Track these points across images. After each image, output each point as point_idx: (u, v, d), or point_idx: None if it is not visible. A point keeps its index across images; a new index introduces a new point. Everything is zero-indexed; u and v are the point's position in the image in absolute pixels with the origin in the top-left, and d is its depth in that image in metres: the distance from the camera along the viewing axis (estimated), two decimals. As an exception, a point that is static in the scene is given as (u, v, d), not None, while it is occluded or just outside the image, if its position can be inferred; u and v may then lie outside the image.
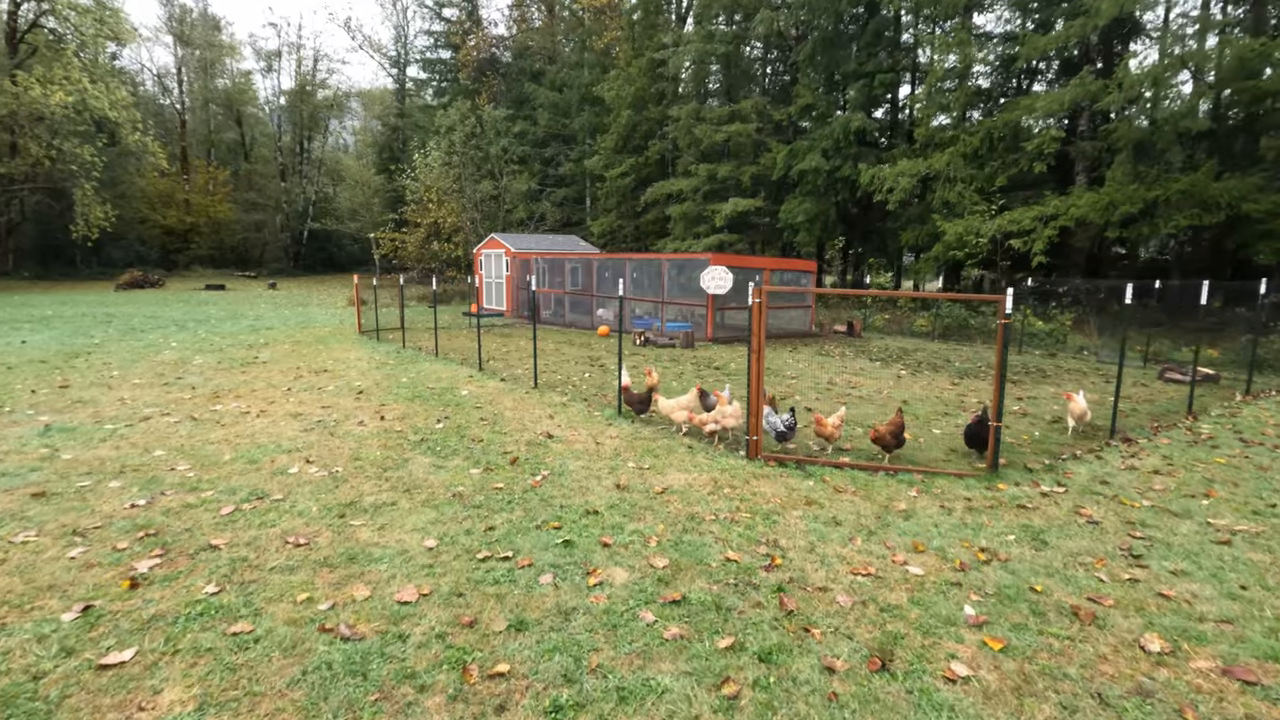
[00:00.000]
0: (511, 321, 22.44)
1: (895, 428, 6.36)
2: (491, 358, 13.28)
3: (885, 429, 6.36)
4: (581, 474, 5.87)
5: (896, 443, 6.38)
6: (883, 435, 6.36)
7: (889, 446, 6.38)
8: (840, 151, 24.21)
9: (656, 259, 18.33)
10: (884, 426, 6.40)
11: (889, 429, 6.36)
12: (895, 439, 6.36)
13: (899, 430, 6.37)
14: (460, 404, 8.82)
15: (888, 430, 6.35)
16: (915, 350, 15.66)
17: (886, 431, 6.35)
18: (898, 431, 6.37)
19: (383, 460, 6.21)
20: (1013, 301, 5.79)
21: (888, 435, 6.34)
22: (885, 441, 6.36)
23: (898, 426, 6.37)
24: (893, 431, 6.35)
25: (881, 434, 6.36)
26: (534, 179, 40.74)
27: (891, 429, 6.36)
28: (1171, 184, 15.39)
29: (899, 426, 6.38)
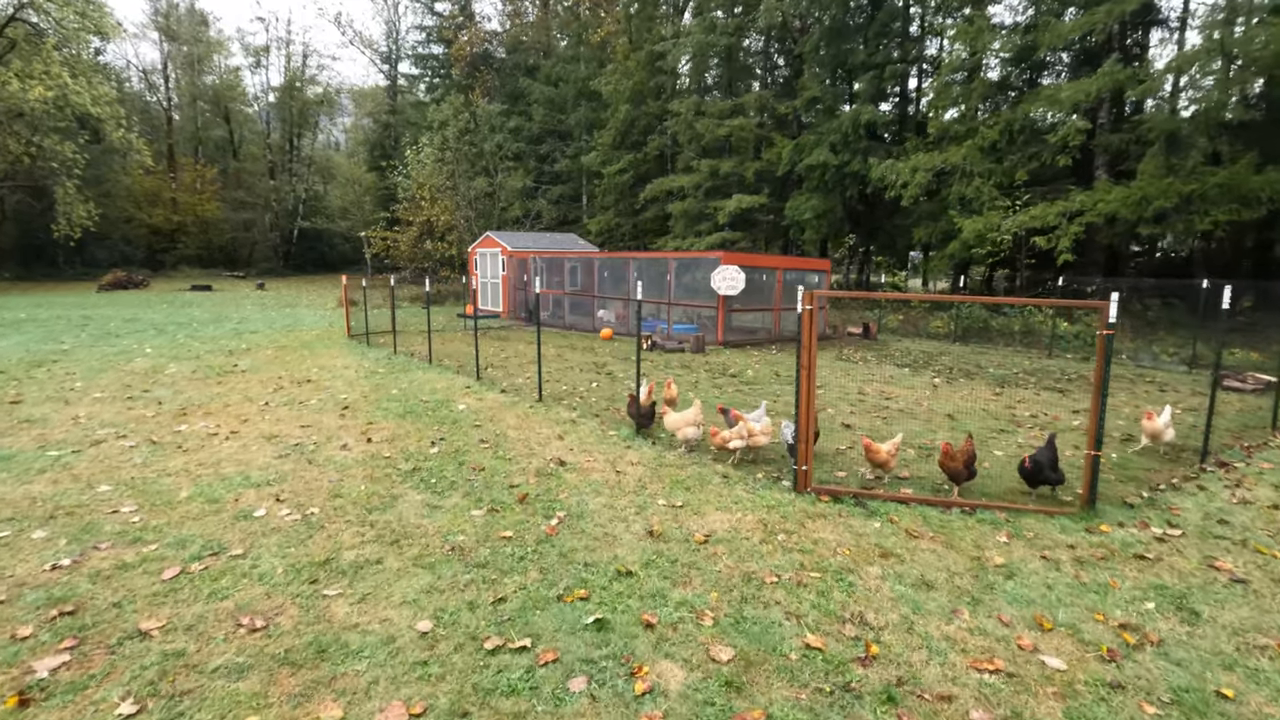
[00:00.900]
0: (508, 323, 21.47)
1: (968, 456, 5.45)
2: (489, 364, 12.32)
3: (959, 457, 5.45)
4: (604, 515, 4.93)
5: (969, 474, 5.46)
6: (954, 464, 5.44)
7: (960, 477, 5.47)
8: (849, 145, 23.31)
9: (662, 258, 17.41)
10: (957, 453, 5.48)
11: (962, 457, 5.44)
12: (968, 469, 5.45)
13: (972, 459, 5.46)
14: (457, 421, 7.87)
15: (961, 459, 5.44)
16: (939, 354, 14.77)
17: (961, 461, 5.43)
18: (970, 460, 5.45)
19: (367, 497, 5.26)
20: (1116, 308, 4.88)
21: (960, 465, 5.43)
22: (956, 472, 5.45)
23: (970, 455, 5.46)
24: (966, 460, 5.44)
25: (954, 464, 5.44)
26: (529, 176, 39.73)
27: (965, 457, 5.44)
28: (1208, 177, 14.55)
29: (971, 455, 5.46)
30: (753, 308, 16.45)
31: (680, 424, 6.71)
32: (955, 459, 5.45)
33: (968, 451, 5.48)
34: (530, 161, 40.99)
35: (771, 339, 16.58)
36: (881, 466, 5.82)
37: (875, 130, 24.39)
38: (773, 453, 6.67)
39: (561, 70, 41.13)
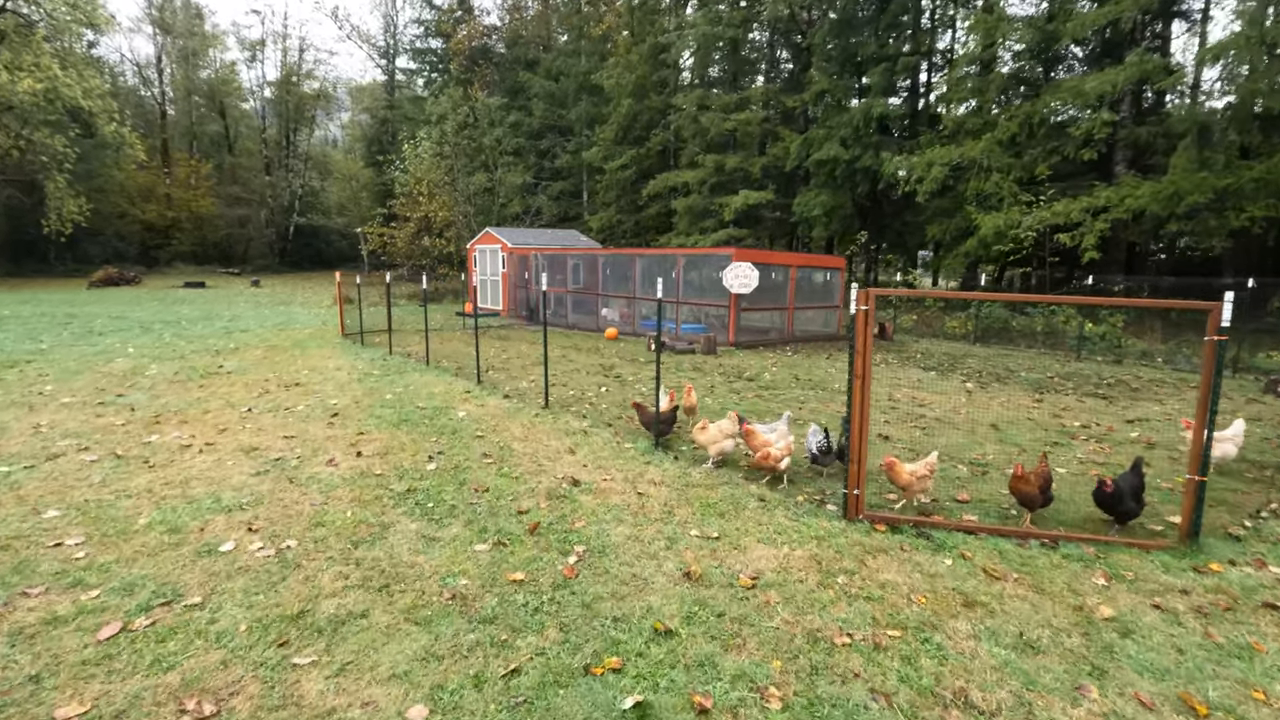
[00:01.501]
0: (509, 322, 20.75)
1: (1044, 479, 4.76)
2: (490, 366, 11.60)
3: (1033, 480, 4.75)
4: (630, 550, 4.23)
5: (1044, 499, 4.77)
6: (1028, 488, 4.75)
7: (1034, 503, 4.78)
8: (860, 140, 22.61)
9: (670, 254, 16.70)
10: (1030, 475, 4.79)
11: (1037, 480, 4.75)
12: (1043, 494, 4.76)
13: (1048, 483, 4.77)
14: (457, 432, 7.16)
15: (1036, 482, 4.74)
16: (963, 356, 14.08)
17: (1036, 484, 4.74)
18: (1047, 484, 4.76)
19: (354, 526, 4.55)
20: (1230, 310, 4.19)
21: (1035, 489, 4.73)
22: (1030, 498, 4.76)
23: (1046, 478, 4.77)
24: (1041, 484, 4.75)
25: (1028, 487, 4.75)
26: (529, 172, 38.98)
27: (1040, 480, 4.75)
28: (1244, 171, 13.87)
29: (1047, 479, 4.77)
30: (765, 307, 15.76)
31: (717, 438, 5.99)
32: (1029, 482, 4.76)
33: (1043, 474, 4.78)
34: (530, 157, 40.25)
35: (784, 339, 15.88)
36: (904, 490, 5.11)
37: (887, 124, 23.70)
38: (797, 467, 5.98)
39: (562, 64, 40.36)
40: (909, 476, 5.04)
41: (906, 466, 5.08)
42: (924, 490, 5.09)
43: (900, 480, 5.08)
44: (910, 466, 5.08)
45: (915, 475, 5.01)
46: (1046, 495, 4.76)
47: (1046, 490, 4.75)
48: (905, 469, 5.06)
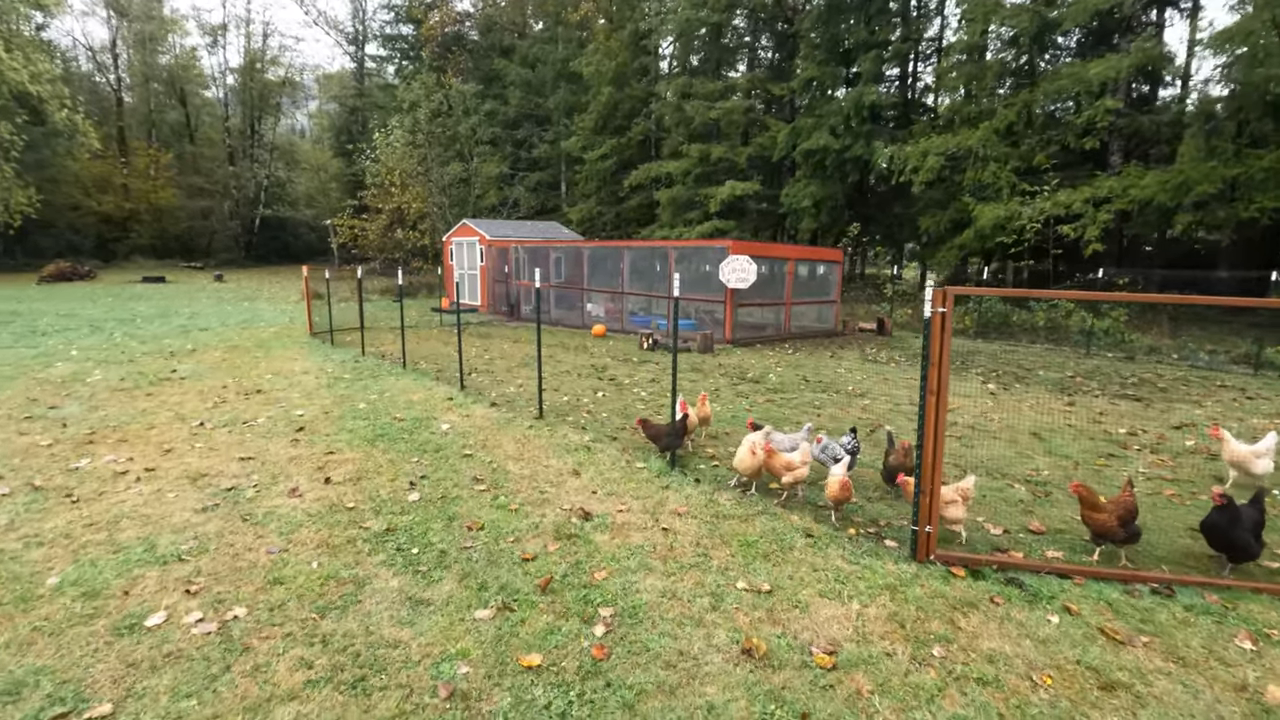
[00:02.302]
0: (488, 318, 19.77)
1: (1127, 511, 4.04)
2: (473, 369, 10.69)
3: (1114, 511, 4.04)
4: (669, 614, 3.41)
5: (1127, 534, 4.05)
6: (1104, 520, 4.04)
7: (1117, 538, 4.05)
8: (850, 129, 21.96)
9: (661, 246, 15.87)
10: (1109, 506, 4.07)
11: (1120, 512, 4.03)
12: (1125, 528, 4.04)
13: (1132, 515, 4.04)
14: (442, 449, 6.27)
15: (1117, 514, 4.03)
16: (970, 353, 13.49)
17: (1115, 517, 4.02)
18: (1130, 517, 4.04)
19: (319, 586, 3.67)
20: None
21: (1115, 523, 4.02)
22: (1112, 532, 4.04)
23: (1130, 510, 4.04)
24: (1123, 516, 4.03)
25: (1104, 519, 4.03)
26: (505, 162, 37.81)
27: (1122, 511, 4.03)
28: (1255, 161, 13.45)
29: (1132, 510, 4.05)
30: (762, 302, 15.01)
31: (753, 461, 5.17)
32: (1104, 511, 4.04)
33: (1126, 505, 4.05)
34: (506, 147, 39.06)
35: (782, 336, 15.17)
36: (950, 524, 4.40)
37: (879, 113, 23.07)
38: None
39: (539, 51, 39.17)
40: (946, 502, 4.32)
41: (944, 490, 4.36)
42: (956, 521, 4.35)
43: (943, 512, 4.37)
44: (946, 493, 4.35)
45: (943, 500, 4.28)
46: (1129, 529, 4.03)
47: (1129, 523, 4.02)
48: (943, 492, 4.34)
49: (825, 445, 5.37)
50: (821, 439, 5.44)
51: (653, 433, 6.10)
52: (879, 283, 23.71)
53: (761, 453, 5.07)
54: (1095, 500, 4.12)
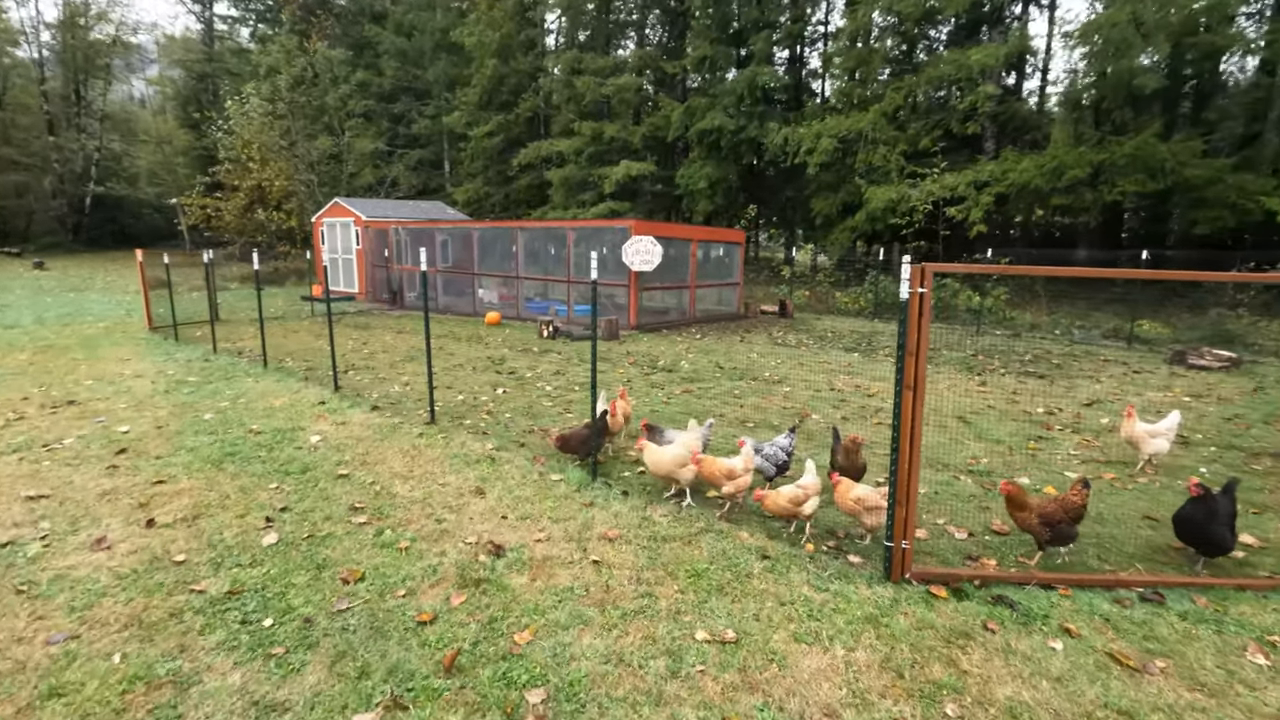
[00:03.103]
0: (367, 307, 18.01)
1: (1067, 511, 3.68)
2: (350, 365, 9.37)
3: (1055, 509, 3.68)
4: (621, 695, 2.63)
5: (1054, 536, 3.69)
6: (1029, 520, 3.71)
7: (1041, 538, 3.71)
8: (744, 110, 21.79)
9: (559, 227, 14.90)
10: (1050, 505, 3.72)
11: (1061, 510, 3.68)
12: (1053, 529, 3.69)
13: (1069, 516, 3.69)
14: (310, 469, 5.13)
15: (1039, 513, 3.69)
16: (872, 334, 13.57)
17: (1037, 515, 3.69)
18: (1062, 519, 3.68)
19: (119, 696, 2.59)
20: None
21: (1036, 522, 3.69)
22: (1035, 532, 3.71)
23: (1068, 510, 3.69)
24: (1050, 517, 3.68)
25: (1028, 518, 3.70)
26: (381, 138, 35.05)
27: (1059, 511, 3.68)
28: (1117, 147, 14.35)
29: (1071, 511, 3.69)
30: (666, 285, 14.42)
31: (674, 466, 4.49)
32: (1027, 509, 3.71)
33: (1075, 505, 3.70)
34: (382, 121, 36.25)
35: (686, 320, 14.67)
36: (869, 530, 4.02)
37: (771, 95, 23.04)
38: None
39: (415, 19, 36.53)
40: (854, 504, 3.93)
41: (855, 489, 3.97)
42: (877, 527, 3.94)
43: (845, 508, 3.99)
44: (860, 491, 3.95)
45: (865, 505, 3.90)
46: (1058, 530, 3.65)
47: (1057, 524, 3.64)
48: (854, 492, 3.95)
49: (762, 448, 4.76)
50: (744, 441, 4.83)
51: (568, 444, 5.28)
52: (774, 265, 23.87)
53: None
54: (1023, 499, 3.74)
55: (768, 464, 4.70)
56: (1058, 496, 3.81)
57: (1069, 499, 3.74)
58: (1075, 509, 3.72)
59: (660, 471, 4.55)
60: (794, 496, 4.04)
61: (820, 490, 4.11)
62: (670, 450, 4.57)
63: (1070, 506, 3.71)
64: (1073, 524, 3.72)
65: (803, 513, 4.03)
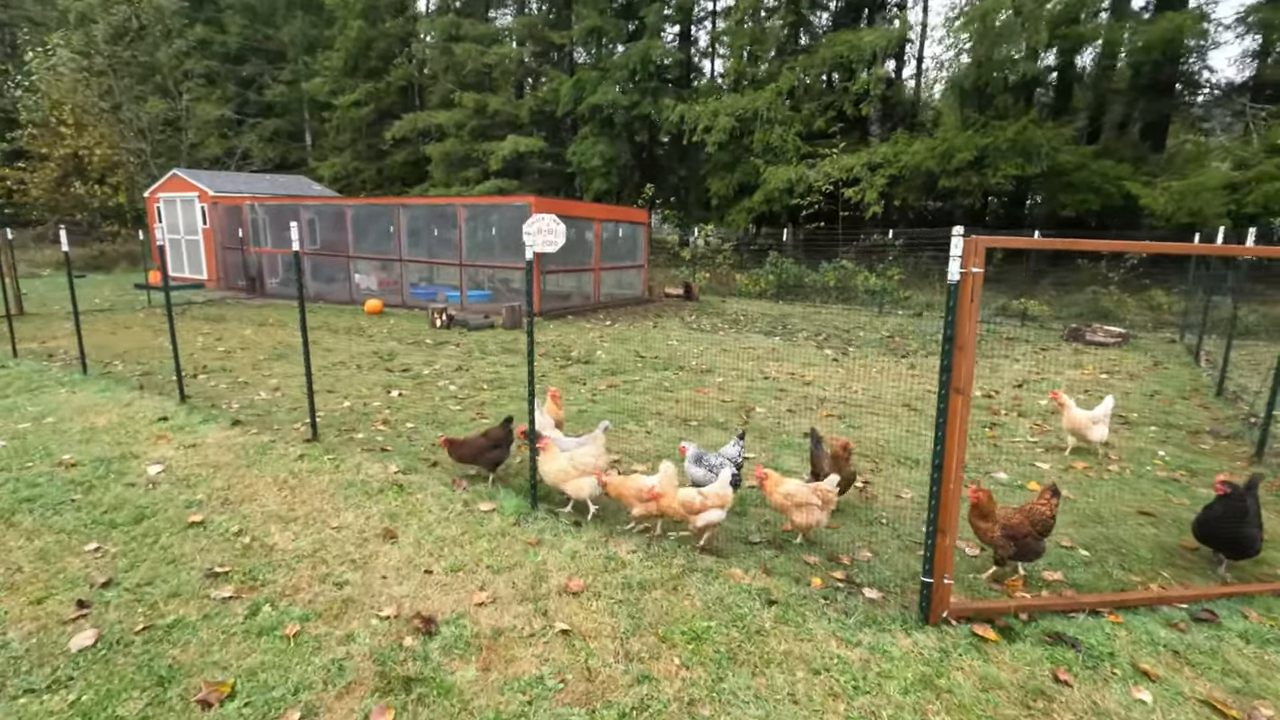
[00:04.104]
0: (219, 295, 15.69)
1: (1034, 523, 3.27)
2: (201, 368, 7.76)
3: (1020, 521, 3.26)
4: None
5: (1018, 550, 3.27)
6: (990, 532, 3.31)
7: (1004, 552, 3.30)
8: (638, 85, 21.00)
9: (448, 205, 13.49)
10: (1015, 516, 3.29)
11: (1027, 522, 3.26)
12: (1017, 543, 3.27)
13: (1034, 529, 3.27)
14: (148, 517, 3.85)
15: (1002, 524, 3.27)
16: (783, 316, 13.33)
17: (1000, 527, 3.28)
18: (1026, 532, 3.26)
19: None
20: None
21: (998, 534, 3.29)
22: (997, 545, 3.31)
23: (1035, 522, 3.27)
24: (1013, 530, 3.26)
25: (989, 530, 3.30)
26: (229, 104, 31.12)
27: (1026, 523, 3.27)
28: (1000, 132, 14.95)
29: (1037, 523, 3.28)
30: (570, 268, 13.45)
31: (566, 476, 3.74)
32: (990, 520, 3.30)
33: (1042, 515, 3.29)
34: (229, 85, 32.21)
35: (591, 306, 13.80)
36: (801, 530, 3.60)
37: (665, 71, 22.37)
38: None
39: (264, -31, 32.65)
40: (783, 499, 3.54)
41: (785, 484, 3.57)
42: (813, 525, 3.54)
43: (773, 502, 3.60)
44: (789, 486, 3.56)
45: (795, 501, 3.52)
46: (1022, 545, 3.22)
47: (1021, 538, 3.22)
48: (782, 487, 3.55)
49: (705, 457, 4.05)
50: (686, 448, 4.13)
51: (466, 452, 4.38)
52: (669, 247, 23.42)
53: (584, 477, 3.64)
54: (989, 508, 3.30)
55: (708, 475, 3.98)
56: (1023, 506, 3.36)
57: (1036, 509, 3.31)
58: (1043, 520, 3.28)
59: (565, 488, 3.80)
60: (688, 502, 3.50)
61: (727, 503, 3.55)
62: (558, 464, 3.84)
63: (1038, 518, 3.28)
64: (1039, 538, 3.27)
65: (695, 523, 3.51)
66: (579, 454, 4.04)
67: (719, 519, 3.53)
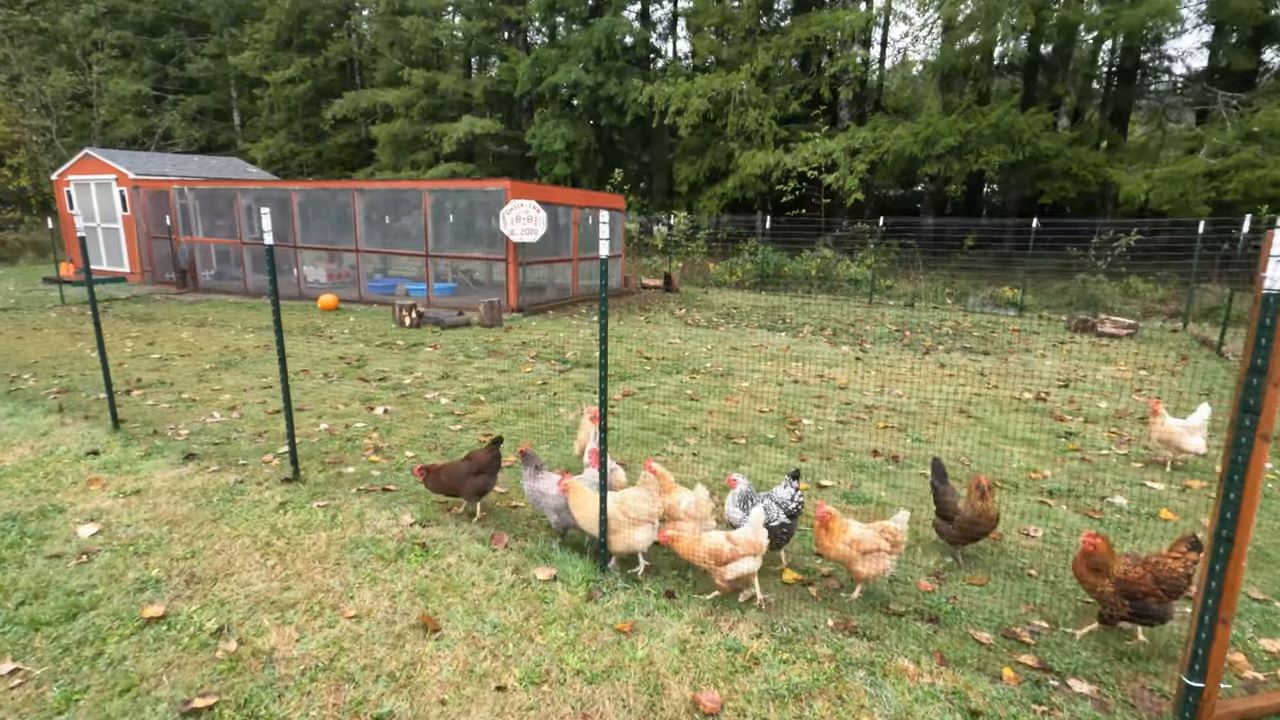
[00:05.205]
0: (145, 291, 14.03)
1: (1169, 579, 2.62)
2: (134, 382, 6.53)
3: (1142, 578, 2.63)
4: None
5: (1135, 612, 2.64)
6: (1103, 588, 2.74)
7: (1117, 612, 2.69)
8: (603, 64, 19.93)
9: (412, 189, 12.24)
10: (1136, 570, 2.65)
11: (1151, 579, 2.62)
12: (1134, 604, 2.64)
13: (1160, 588, 2.63)
14: (84, 609, 2.81)
15: (1146, 581, 2.63)
16: (776, 308, 12.67)
17: (1113, 583, 2.68)
18: (1150, 591, 2.62)
19: None
20: None
21: (1112, 590, 2.69)
22: (1111, 603, 2.71)
23: (1176, 580, 2.62)
24: (1134, 586, 2.63)
25: (1101, 585, 2.73)
26: (146, 79, 28.44)
27: (1160, 579, 2.62)
28: (982, 118, 14.63)
29: (1177, 581, 2.63)
30: (549, 259, 12.42)
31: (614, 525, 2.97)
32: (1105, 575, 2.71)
33: (1170, 574, 2.65)
34: (145, 59, 29.40)
35: (570, 299, 12.85)
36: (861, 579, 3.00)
37: (632, 49, 21.32)
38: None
39: (182, -69, 29.83)
40: (847, 549, 2.92)
41: (849, 529, 2.96)
42: (871, 577, 2.95)
43: (834, 552, 2.96)
44: (856, 531, 2.94)
45: (862, 549, 2.91)
46: (1141, 607, 2.61)
47: (1141, 597, 2.61)
48: (847, 534, 2.94)
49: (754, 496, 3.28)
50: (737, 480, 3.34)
51: (446, 480, 3.59)
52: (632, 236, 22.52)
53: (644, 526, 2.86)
54: (1105, 560, 2.69)
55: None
56: (1148, 558, 2.70)
57: (1166, 564, 2.63)
58: (1173, 580, 2.60)
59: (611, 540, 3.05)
60: (716, 549, 2.86)
61: (761, 550, 2.89)
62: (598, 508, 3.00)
63: (1167, 576, 2.61)
64: (1166, 599, 2.61)
65: (724, 575, 2.87)
66: (630, 498, 3.20)
67: (752, 571, 2.86)
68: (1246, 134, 13.18)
